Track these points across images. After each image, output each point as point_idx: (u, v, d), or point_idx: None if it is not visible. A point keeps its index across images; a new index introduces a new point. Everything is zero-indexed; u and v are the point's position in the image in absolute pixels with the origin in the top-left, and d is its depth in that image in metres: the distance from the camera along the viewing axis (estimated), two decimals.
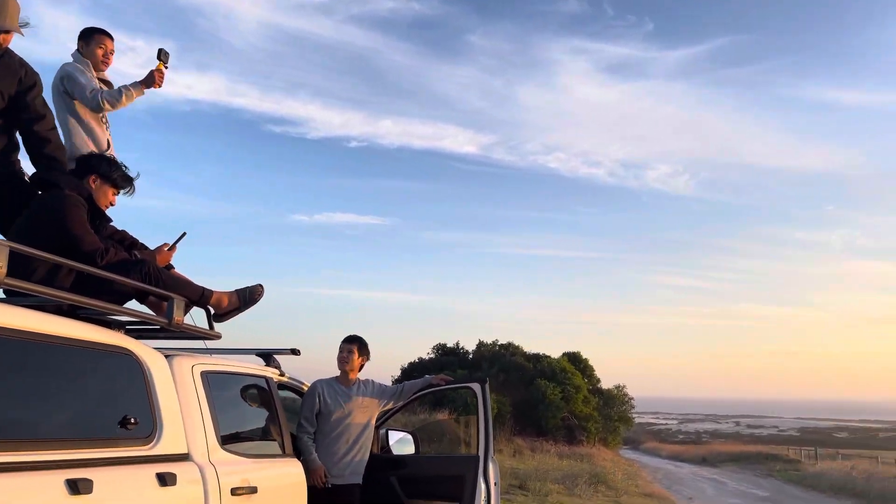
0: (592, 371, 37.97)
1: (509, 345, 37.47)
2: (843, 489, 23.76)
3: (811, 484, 26.21)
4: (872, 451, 54.37)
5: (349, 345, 5.24)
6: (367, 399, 5.17)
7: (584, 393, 34.01)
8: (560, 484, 17.61)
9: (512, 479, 16.80)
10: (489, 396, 5.27)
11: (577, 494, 16.59)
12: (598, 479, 18.94)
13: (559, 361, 35.37)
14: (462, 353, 37.40)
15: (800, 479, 27.86)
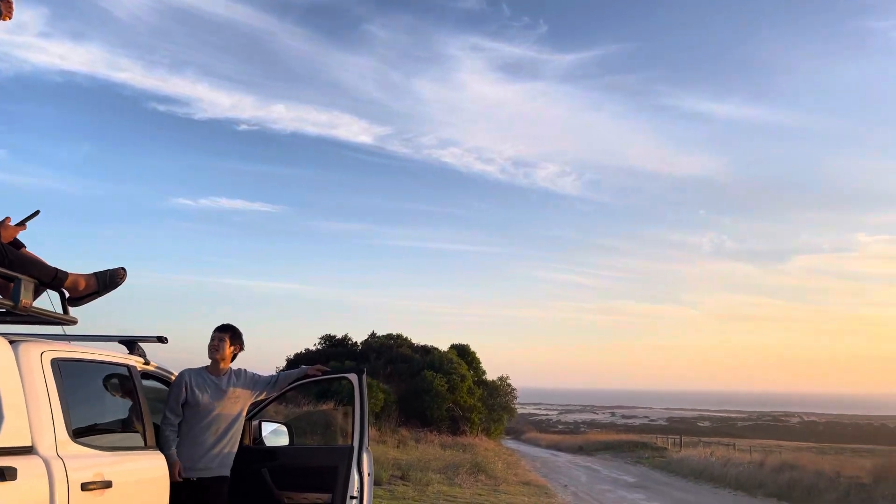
0: (479, 363, 38.76)
1: (398, 336, 37.58)
2: (703, 474, 25.56)
3: (674, 470, 28.02)
4: (731, 438, 58.82)
5: (221, 333, 5.06)
6: (238, 389, 5.01)
7: (469, 384, 34.66)
8: (441, 474, 17.85)
9: (394, 470, 16.87)
10: (366, 387, 5.25)
11: (458, 484, 16.87)
12: (478, 469, 19.34)
13: (447, 353, 35.85)
14: (350, 345, 37.14)
15: (665, 465, 29.72)
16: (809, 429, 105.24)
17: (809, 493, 18.91)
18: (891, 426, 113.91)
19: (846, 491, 17.85)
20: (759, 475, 22.15)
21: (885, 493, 16.51)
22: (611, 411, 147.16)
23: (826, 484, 18.96)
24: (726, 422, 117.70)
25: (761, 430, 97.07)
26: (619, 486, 22.63)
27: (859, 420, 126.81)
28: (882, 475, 17.83)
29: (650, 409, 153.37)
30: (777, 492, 20.20)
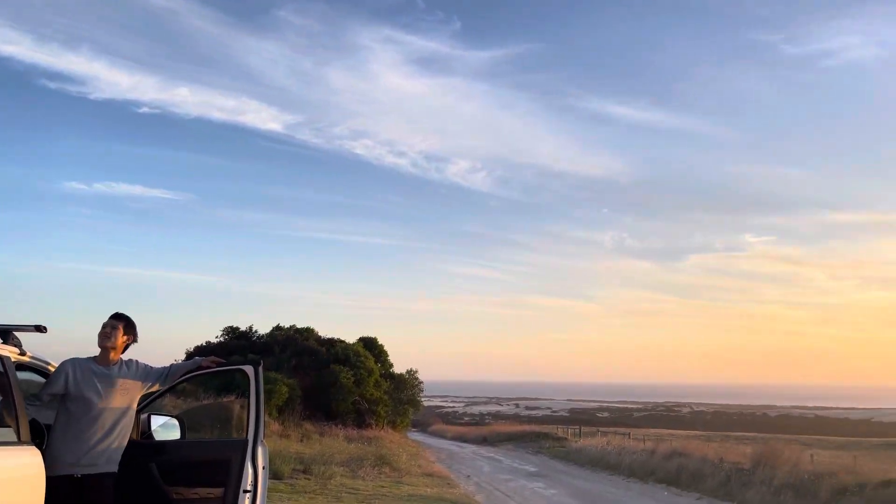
0: (386, 356, 38.74)
1: (305, 329, 37.00)
2: (600, 462, 26.61)
3: (573, 458, 29.02)
4: (628, 428, 61.48)
5: (115, 321, 4.83)
6: (128, 381, 4.80)
7: (376, 377, 34.59)
8: (345, 467, 17.76)
9: (297, 464, 16.64)
10: (262, 379, 5.17)
11: (361, 476, 16.84)
12: (382, 461, 19.38)
13: (354, 346, 35.62)
14: (254, 338, 36.27)
15: (564, 454, 30.73)
16: (699, 418, 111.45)
17: (695, 479, 20.03)
18: (771, 415, 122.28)
19: (728, 475, 19.03)
20: (650, 462, 23.27)
21: (761, 478, 17.70)
22: (515, 403, 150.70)
23: (710, 469, 20.14)
24: (624, 412, 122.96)
25: (655, 420, 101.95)
26: (519, 476, 23.22)
27: (744, 409, 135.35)
28: (760, 460, 19.13)
29: (553, 400, 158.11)
30: (666, 477, 21.29)
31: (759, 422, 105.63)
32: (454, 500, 14.97)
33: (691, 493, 18.99)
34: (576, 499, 17.60)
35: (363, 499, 13.65)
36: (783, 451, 19.78)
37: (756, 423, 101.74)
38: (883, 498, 13.95)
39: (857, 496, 14.42)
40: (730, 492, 17.97)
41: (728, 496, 17.76)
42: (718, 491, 18.39)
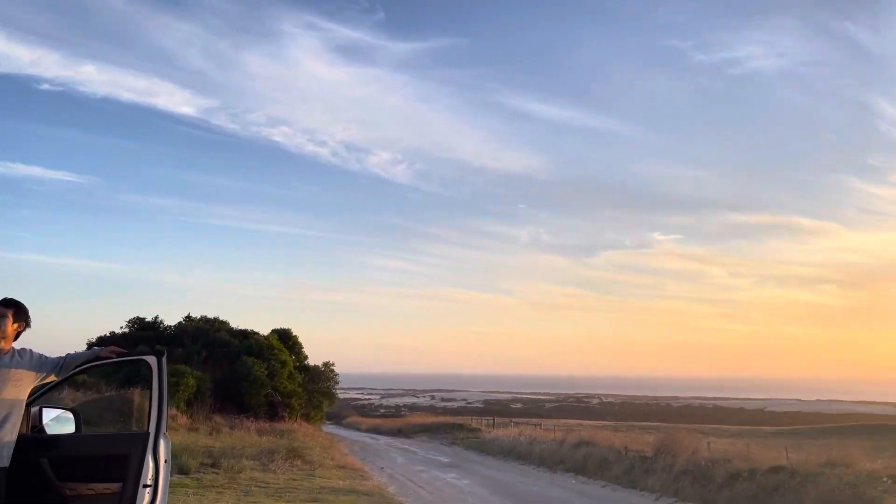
0: (301, 348, 38.16)
1: (216, 320, 35.94)
2: (511, 452, 27.18)
3: (486, 449, 29.52)
4: (540, 419, 63.07)
5: (4, 308, 4.57)
6: (21, 371, 4.55)
7: (290, 369, 34.02)
8: (256, 460, 17.42)
9: (205, 458, 16.20)
10: (165, 371, 5.00)
11: (272, 470, 16.56)
12: (295, 454, 19.10)
13: (267, 338, 34.90)
14: (162, 328, 34.93)
15: (478, 445, 31.20)
16: (607, 409, 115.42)
17: (601, 467, 20.78)
18: (674, 405, 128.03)
19: (632, 463, 19.84)
20: (559, 452, 23.96)
21: (663, 465, 18.53)
22: (431, 395, 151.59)
23: (616, 457, 20.94)
24: (536, 403, 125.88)
25: (567, 411, 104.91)
26: (433, 467, 23.43)
27: (649, 400, 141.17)
28: (661, 448, 20.01)
29: (469, 392, 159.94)
30: (574, 466, 21.99)
31: (664, 412, 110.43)
32: (367, 492, 14.94)
33: (598, 481, 19.70)
34: (487, 488, 17.91)
35: (274, 492, 13.43)
36: (683, 439, 20.75)
37: (660, 413, 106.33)
38: (772, 482, 14.87)
39: (749, 481, 15.31)
40: (633, 479, 18.74)
41: (631, 483, 18.52)
42: (623, 478, 19.14)
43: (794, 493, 13.80)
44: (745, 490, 14.96)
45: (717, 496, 15.31)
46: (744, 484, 15.25)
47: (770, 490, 14.48)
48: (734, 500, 14.80)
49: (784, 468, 15.39)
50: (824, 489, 13.44)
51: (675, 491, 16.58)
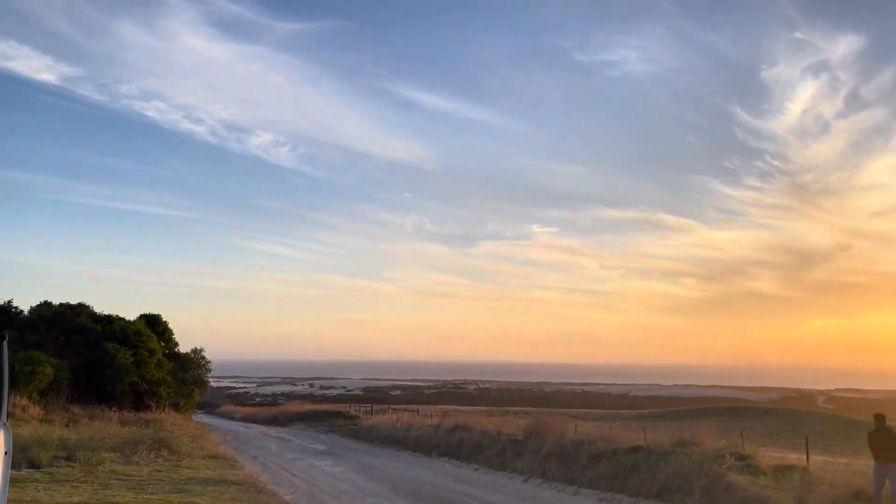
0: (171, 334, 36.41)
1: (77, 305, 33.54)
2: (388, 439, 27.32)
3: (363, 436, 29.51)
4: (419, 405, 63.75)
5: None
6: None
7: (158, 357, 32.39)
8: (117, 452, 16.51)
9: (59, 451, 15.17)
10: (6, 355, 4.63)
11: (135, 462, 15.77)
12: (161, 445, 18.27)
13: (134, 324, 33.02)
14: (14, 313, 32.21)
15: (355, 432, 31.12)
16: (484, 394, 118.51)
17: (475, 450, 21.33)
18: (547, 391, 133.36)
19: (504, 447, 20.51)
20: (435, 437, 24.35)
21: (532, 447, 19.29)
22: (310, 383, 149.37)
23: (489, 441, 21.56)
24: (416, 390, 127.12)
25: (445, 397, 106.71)
26: (308, 454, 23.16)
27: (524, 386, 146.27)
28: (532, 432, 20.82)
29: (349, 379, 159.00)
30: (449, 450, 22.44)
31: (537, 397, 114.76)
32: (237, 482, 14.56)
33: (471, 465, 20.22)
34: (362, 475, 17.94)
35: (136, 485, 12.79)
36: (552, 423, 21.67)
37: (533, 398, 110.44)
38: (630, 461, 15.86)
39: (610, 461, 16.25)
40: (504, 461, 19.39)
41: (502, 465, 19.16)
42: (495, 461, 19.76)
43: (650, 471, 14.79)
44: (606, 469, 15.86)
45: (581, 476, 16.13)
46: (605, 464, 16.17)
47: (628, 468, 15.44)
48: (596, 479, 15.65)
49: (642, 448, 16.46)
50: (676, 466, 14.49)
51: (543, 472, 17.32)
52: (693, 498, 13.05)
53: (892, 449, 11.97)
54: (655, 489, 13.99)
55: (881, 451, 12.07)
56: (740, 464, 14.26)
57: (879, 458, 12.10)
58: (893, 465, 11.86)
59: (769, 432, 39.69)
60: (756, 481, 13.30)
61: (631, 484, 14.69)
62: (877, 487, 12.04)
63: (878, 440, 12.20)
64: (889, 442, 12.06)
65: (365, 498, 14.23)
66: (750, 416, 47.96)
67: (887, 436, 12.12)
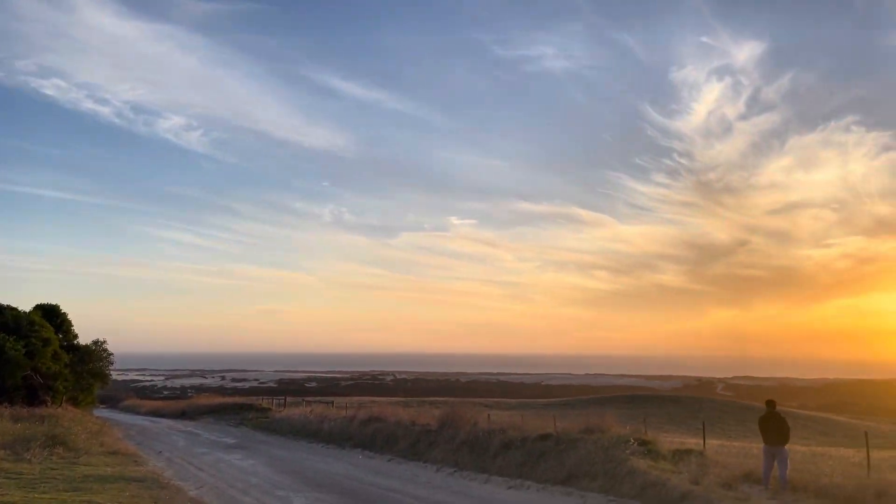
0: (70, 325, 34.55)
1: None
2: (301, 431, 26.93)
3: (275, 429, 28.96)
4: (334, 397, 63.17)
5: None
6: None
7: (54, 348, 30.66)
8: (7, 450, 15.56)
9: None
10: None
11: (27, 459, 14.89)
12: (56, 441, 17.32)
13: (28, 314, 31.13)
14: None
15: (267, 425, 30.50)
16: (400, 385, 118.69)
17: (388, 441, 21.33)
18: (463, 381, 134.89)
19: (417, 437, 20.60)
20: (349, 428, 24.19)
21: (446, 437, 19.47)
22: (222, 375, 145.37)
23: (403, 432, 21.59)
24: (332, 382, 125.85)
25: (361, 388, 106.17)
26: (217, 448, 22.53)
27: (440, 376, 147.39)
28: (446, 422, 20.98)
29: (262, 372, 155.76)
30: (363, 442, 22.35)
31: (453, 387, 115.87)
32: (139, 478, 13.98)
33: (384, 455, 20.20)
34: (272, 468, 17.61)
35: (27, 483, 12.09)
36: (466, 413, 21.92)
37: (450, 388, 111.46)
38: (539, 449, 16.25)
39: (520, 449, 16.60)
40: (418, 451, 19.48)
41: (416, 456, 19.24)
42: (408, 451, 19.82)
43: (557, 458, 15.21)
44: (516, 457, 16.20)
45: (492, 464, 16.41)
46: (515, 451, 16.51)
47: (537, 456, 15.81)
48: (506, 466, 15.97)
49: (551, 436, 16.89)
50: (582, 453, 14.97)
51: (456, 461, 17.51)
52: (597, 482, 13.51)
53: (779, 432, 12.76)
54: (563, 475, 14.40)
55: (770, 435, 12.86)
56: (642, 449, 14.85)
57: (768, 442, 12.88)
58: (780, 448, 12.65)
59: (671, 419, 41.56)
60: (656, 465, 13.90)
61: (539, 470, 15.06)
62: (766, 469, 12.81)
63: (767, 424, 12.99)
64: (777, 426, 12.85)
65: (274, 491, 13.98)
66: (654, 404, 50.06)
67: (775, 420, 12.91)
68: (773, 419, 12.93)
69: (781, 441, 12.65)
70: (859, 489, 11.30)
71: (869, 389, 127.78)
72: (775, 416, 12.98)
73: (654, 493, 12.20)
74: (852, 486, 11.53)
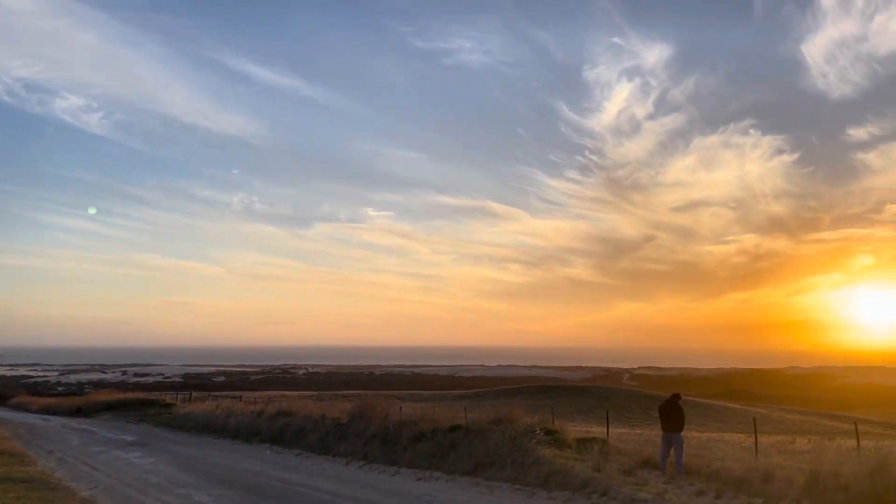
0: None
1: None
2: (206, 427, 26.05)
3: (179, 425, 27.91)
4: (244, 391, 61.60)
5: None
6: None
7: None
8: None
9: None
10: None
11: None
12: None
13: None
14: None
15: (170, 421, 29.35)
16: (313, 379, 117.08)
17: (297, 436, 20.93)
18: (377, 374, 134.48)
19: (327, 431, 20.30)
20: (257, 423, 23.58)
21: (356, 430, 19.28)
22: (123, 370, 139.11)
23: (312, 426, 21.23)
24: (241, 376, 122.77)
25: (272, 383, 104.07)
26: (115, 446, 21.50)
27: (354, 369, 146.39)
28: (357, 415, 20.79)
29: (167, 366, 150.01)
30: (271, 437, 21.84)
31: (367, 380, 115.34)
32: (25, 479, 13.14)
33: (293, 450, 19.81)
34: (174, 465, 16.94)
35: None
36: (378, 405, 21.77)
37: (364, 381, 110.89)
38: (449, 440, 16.33)
39: (430, 440, 16.63)
40: (327, 445, 19.21)
41: (325, 450, 18.97)
42: (317, 446, 19.52)
43: (467, 449, 15.35)
44: (426, 449, 16.23)
45: (402, 456, 16.38)
46: (426, 443, 16.54)
47: (447, 447, 15.90)
48: (416, 458, 15.97)
49: (461, 427, 17.01)
50: (491, 443, 15.15)
51: (365, 454, 17.38)
52: (505, 472, 13.71)
53: (675, 419, 13.36)
54: (471, 466, 14.53)
55: (667, 422, 13.44)
56: (549, 438, 15.20)
57: (665, 428, 13.46)
58: (676, 434, 13.24)
59: (580, 408, 42.83)
60: (561, 454, 14.25)
61: (448, 462, 15.15)
62: (662, 454, 13.38)
63: (664, 411, 13.57)
64: (673, 413, 13.45)
65: (175, 489, 13.43)
66: (564, 394, 51.47)
67: (672, 408, 13.51)
68: (671, 407, 13.52)
69: (677, 428, 13.25)
70: (747, 472, 11.96)
71: (761, 378, 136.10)
72: (673, 404, 13.58)
73: (558, 481, 12.49)
74: (741, 470, 12.20)
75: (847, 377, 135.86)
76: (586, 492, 11.82)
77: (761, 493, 10.96)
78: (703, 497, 11.28)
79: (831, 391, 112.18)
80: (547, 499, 11.92)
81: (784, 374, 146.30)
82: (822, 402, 77.44)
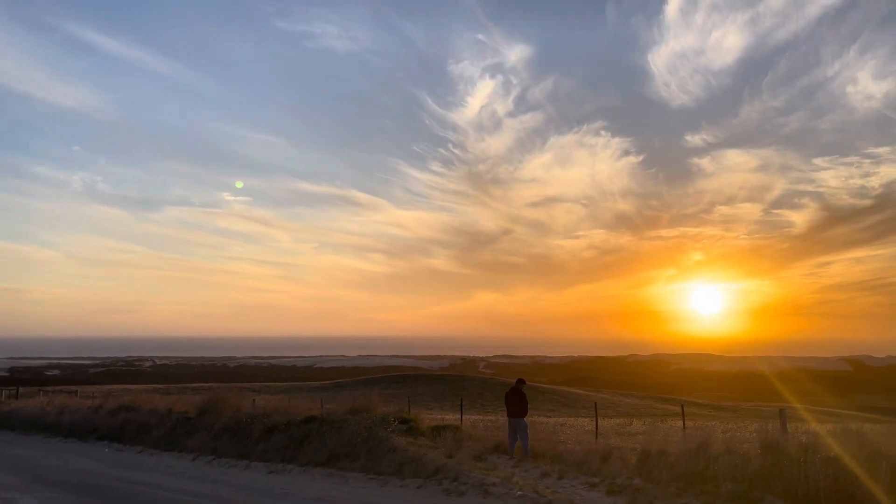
0: None
1: None
2: (36, 424, 23.91)
3: (3, 423, 25.41)
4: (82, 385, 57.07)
5: None
6: None
7: None
8: None
9: None
10: None
11: None
12: None
13: None
14: None
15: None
16: (161, 371, 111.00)
17: (140, 432, 19.75)
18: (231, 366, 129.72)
19: (174, 425, 19.32)
20: (94, 420, 21.99)
21: (205, 424, 18.50)
22: None
23: (157, 421, 20.12)
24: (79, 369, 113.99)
25: (114, 376, 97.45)
26: None
27: (206, 361, 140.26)
28: (206, 409, 19.94)
29: None
30: (110, 434, 20.45)
31: (220, 372, 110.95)
32: None
33: (135, 447, 18.67)
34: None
35: None
36: (230, 398, 20.98)
37: (216, 373, 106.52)
38: (303, 432, 16.08)
39: (284, 433, 16.29)
40: (173, 441, 18.28)
41: (171, 445, 18.04)
42: (162, 441, 18.52)
43: (321, 440, 15.20)
44: (279, 441, 15.89)
45: (254, 449, 15.94)
46: (279, 436, 16.19)
47: (300, 439, 15.66)
48: (268, 451, 15.60)
49: (316, 418, 16.81)
50: (346, 434, 15.09)
51: (214, 449, 16.73)
52: (359, 462, 13.72)
53: (518, 405, 14.02)
54: (325, 457, 14.41)
55: (511, 408, 14.07)
56: (404, 427, 15.38)
57: (509, 414, 14.09)
58: (520, 420, 13.89)
59: (437, 397, 43.64)
60: (415, 441, 14.47)
61: (302, 454, 14.93)
62: (510, 440, 13.96)
63: (509, 399, 14.20)
64: (517, 400, 14.09)
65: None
66: (422, 383, 52.16)
67: (516, 395, 14.15)
68: (514, 394, 14.16)
69: (520, 413, 13.89)
70: (588, 454, 12.77)
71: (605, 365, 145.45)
72: (516, 391, 14.21)
73: (412, 469, 12.68)
74: (582, 452, 13.01)
75: (680, 363, 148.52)
76: (438, 478, 12.09)
77: (599, 473, 11.74)
78: (548, 478, 11.90)
79: (667, 376, 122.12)
80: (400, 486, 12.06)
81: (625, 362, 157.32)
82: (658, 387, 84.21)
